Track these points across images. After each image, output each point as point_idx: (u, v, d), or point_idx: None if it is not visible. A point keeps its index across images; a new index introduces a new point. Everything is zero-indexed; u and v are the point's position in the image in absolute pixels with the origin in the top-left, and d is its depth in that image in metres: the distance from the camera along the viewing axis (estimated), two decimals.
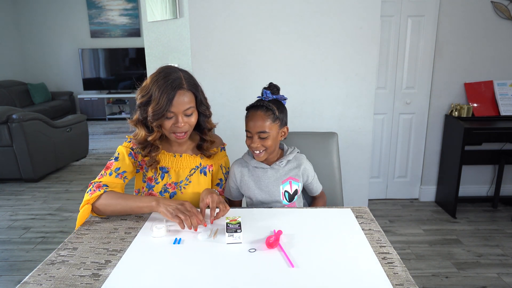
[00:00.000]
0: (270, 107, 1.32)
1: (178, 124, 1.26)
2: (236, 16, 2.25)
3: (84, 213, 1.22)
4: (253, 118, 1.33)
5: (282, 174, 1.41)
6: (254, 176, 1.42)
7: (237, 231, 1.07)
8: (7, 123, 3.47)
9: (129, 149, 1.36)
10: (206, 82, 2.32)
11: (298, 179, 1.42)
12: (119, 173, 1.32)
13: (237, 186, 1.46)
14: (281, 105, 1.37)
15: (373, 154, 3.08)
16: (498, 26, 2.81)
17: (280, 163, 1.41)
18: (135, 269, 0.95)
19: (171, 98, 1.22)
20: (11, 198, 3.33)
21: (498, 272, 2.16)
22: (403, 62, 2.93)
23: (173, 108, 1.24)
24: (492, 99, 2.88)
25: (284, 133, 1.40)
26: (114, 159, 1.34)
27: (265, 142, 1.34)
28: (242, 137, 2.40)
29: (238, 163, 1.47)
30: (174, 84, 1.23)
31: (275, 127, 1.34)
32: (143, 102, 1.27)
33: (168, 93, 1.22)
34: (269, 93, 1.36)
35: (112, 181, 1.29)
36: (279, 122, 1.35)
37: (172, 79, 1.24)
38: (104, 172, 1.32)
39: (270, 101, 1.35)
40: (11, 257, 2.36)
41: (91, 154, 4.68)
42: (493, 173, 3.10)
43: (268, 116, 1.32)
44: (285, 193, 1.41)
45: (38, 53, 6.90)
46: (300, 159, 1.45)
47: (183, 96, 1.25)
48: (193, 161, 1.41)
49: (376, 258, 0.99)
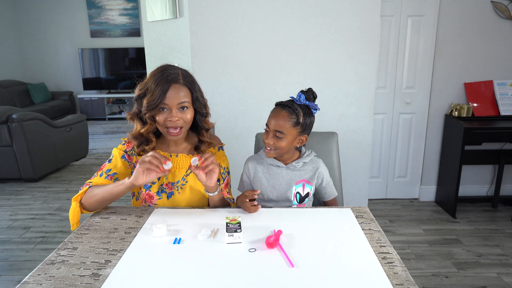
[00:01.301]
0: (296, 111, 1.30)
1: (171, 118, 1.26)
2: (236, 16, 2.25)
3: (72, 210, 1.27)
4: (275, 115, 1.32)
5: (296, 175, 1.41)
6: (268, 173, 1.42)
7: (237, 231, 1.07)
8: (7, 123, 3.47)
9: (122, 151, 1.36)
10: (206, 82, 2.33)
11: (312, 182, 1.42)
12: (109, 174, 1.33)
13: (251, 181, 1.46)
14: (309, 112, 1.34)
15: (373, 154, 3.08)
16: (498, 26, 2.81)
17: (297, 164, 1.40)
18: (135, 269, 0.95)
19: (165, 90, 1.24)
20: (11, 198, 3.33)
21: (498, 272, 2.16)
22: (403, 62, 2.93)
23: (167, 100, 1.25)
24: (492, 99, 2.88)
25: (302, 141, 1.38)
26: (108, 161, 1.36)
27: (278, 142, 1.32)
28: (242, 137, 2.41)
29: (253, 159, 1.47)
30: (170, 77, 1.25)
31: (293, 132, 1.32)
32: (140, 95, 1.28)
33: (162, 85, 1.24)
34: (304, 97, 1.33)
35: (102, 182, 1.31)
36: (300, 128, 1.33)
37: (169, 73, 1.26)
38: (96, 173, 1.35)
39: (300, 106, 1.32)
40: (11, 257, 2.36)
41: (91, 154, 4.68)
42: (493, 173, 3.10)
43: (291, 119, 1.30)
44: (297, 194, 1.41)
45: (38, 53, 6.89)
46: (317, 162, 1.44)
47: (177, 90, 1.26)
48: (189, 161, 1.40)
49: (376, 258, 0.99)
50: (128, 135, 1.36)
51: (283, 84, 2.34)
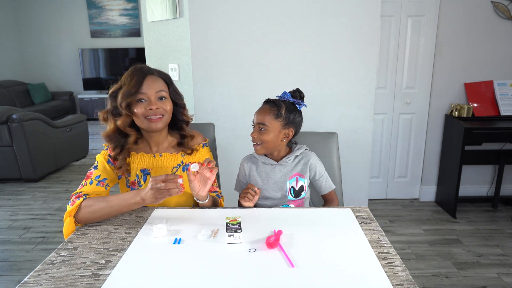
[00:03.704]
0: (278, 104, 1.36)
1: (151, 106, 1.26)
2: (236, 16, 2.25)
3: (67, 226, 1.19)
4: (259, 110, 1.40)
5: (289, 170, 1.43)
6: (262, 172, 1.45)
7: (237, 231, 1.07)
8: (7, 123, 3.47)
9: (107, 156, 1.33)
10: (206, 82, 2.33)
11: (304, 175, 1.43)
12: (99, 180, 1.29)
13: (246, 180, 1.49)
14: (293, 107, 1.39)
15: (373, 154, 3.08)
16: (498, 26, 2.81)
17: (288, 159, 1.43)
18: (135, 269, 0.95)
19: (141, 80, 1.26)
20: (11, 198, 3.33)
21: (498, 272, 2.16)
22: (403, 62, 2.93)
23: (144, 89, 1.26)
24: (492, 99, 2.88)
25: (288, 135, 1.40)
26: (93, 167, 1.32)
27: (262, 136, 1.36)
28: (241, 137, 2.41)
29: (248, 158, 1.51)
30: (144, 69, 1.29)
31: (276, 124, 1.36)
32: (114, 91, 1.29)
33: (138, 76, 1.26)
34: (289, 95, 1.40)
35: (94, 190, 1.26)
36: (282, 120, 1.36)
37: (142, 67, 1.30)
38: (84, 182, 1.28)
39: (283, 101, 1.38)
40: (11, 257, 2.36)
41: (91, 154, 4.67)
42: (493, 173, 3.10)
43: (272, 111, 1.36)
44: (291, 189, 1.43)
45: (38, 53, 6.89)
46: (308, 155, 1.46)
47: (153, 80, 1.29)
48: (174, 159, 1.39)
49: (376, 258, 0.99)
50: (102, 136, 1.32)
51: (283, 84, 2.34)
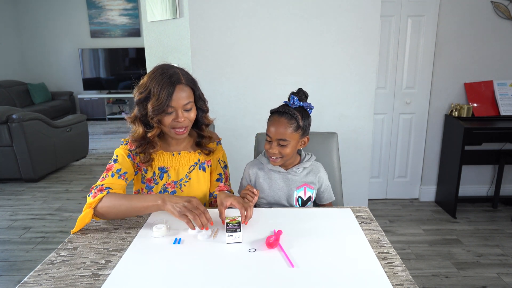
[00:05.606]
0: (295, 116, 1.29)
1: (178, 119, 1.26)
2: (236, 16, 2.25)
3: (84, 216, 1.18)
4: (275, 124, 1.30)
5: (297, 180, 1.41)
6: (269, 179, 1.42)
7: (237, 231, 1.07)
8: (7, 123, 3.47)
9: (127, 151, 1.35)
10: (206, 82, 2.33)
11: (313, 186, 1.42)
12: (120, 174, 1.30)
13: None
14: (305, 113, 1.34)
15: (373, 154, 3.08)
16: (498, 26, 2.81)
17: (297, 170, 1.40)
18: (135, 269, 0.95)
19: (171, 93, 1.23)
20: (11, 198, 3.33)
21: (498, 272, 2.16)
22: (403, 62, 2.93)
23: (173, 102, 1.24)
24: (492, 99, 2.88)
25: (304, 142, 1.38)
26: (113, 161, 1.33)
27: (283, 150, 1.32)
28: (242, 137, 2.41)
29: (254, 164, 1.46)
30: (173, 79, 1.24)
31: (296, 136, 1.32)
32: (142, 99, 1.27)
33: (167, 88, 1.22)
34: (297, 100, 1.32)
35: (115, 182, 1.28)
36: (301, 131, 1.33)
37: (169, 74, 1.25)
38: (105, 174, 1.29)
39: (296, 109, 1.31)
40: (11, 257, 2.36)
41: (91, 154, 4.68)
42: (493, 173, 3.10)
43: (291, 125, 1.29)
44: (299, 198, 1.41)
45: (38, 53, 6.90)
46: (317, 167, 1.45)
47: (182, 91, 1.26)
48: (192, 158, 1.41)
49: (376, 258, 0.99)
50: (129, 137, 1.34)
51: (283, 84, 2.34)
